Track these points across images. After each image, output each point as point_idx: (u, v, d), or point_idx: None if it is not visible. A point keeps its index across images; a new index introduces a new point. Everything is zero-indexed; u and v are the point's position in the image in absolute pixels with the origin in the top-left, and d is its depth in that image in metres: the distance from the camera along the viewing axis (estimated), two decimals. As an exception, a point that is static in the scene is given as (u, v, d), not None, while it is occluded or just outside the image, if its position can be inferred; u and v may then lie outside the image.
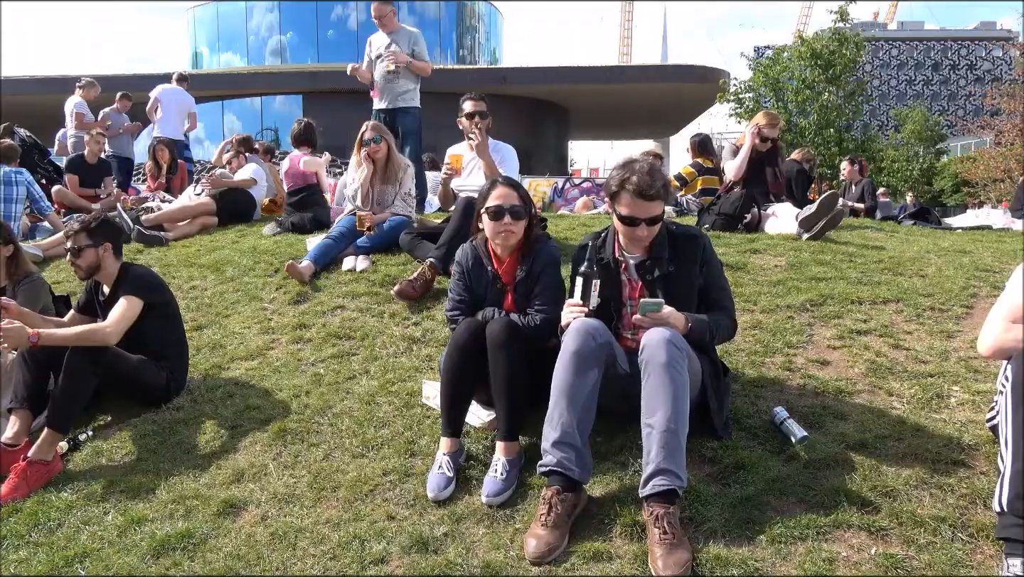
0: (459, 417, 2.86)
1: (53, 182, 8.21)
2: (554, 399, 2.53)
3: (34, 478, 3.05)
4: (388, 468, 2.86)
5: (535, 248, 3.03)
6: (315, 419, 3.27)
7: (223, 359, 3.97)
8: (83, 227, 3.48)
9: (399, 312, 4.21)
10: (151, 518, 2.75)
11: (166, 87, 9.65)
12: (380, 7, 6.66)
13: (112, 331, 3.31)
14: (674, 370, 2.45)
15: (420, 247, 4.64)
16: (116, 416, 3.55)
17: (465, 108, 4.79)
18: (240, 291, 4.79)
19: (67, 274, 5.49)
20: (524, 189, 3.06)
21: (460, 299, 3.07)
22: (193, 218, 6.36)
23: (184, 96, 9.74)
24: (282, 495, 2.79)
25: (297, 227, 5.93)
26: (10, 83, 33.06)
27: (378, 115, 6.55)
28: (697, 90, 33.07)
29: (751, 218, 5.51)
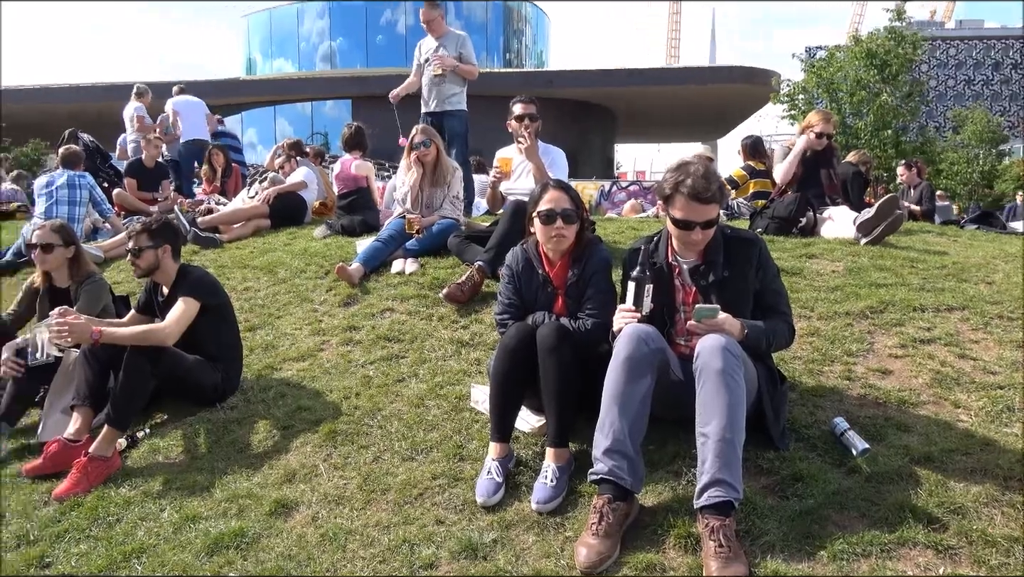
0: (508, 422, 2.84)
1: (114, 185, 8.47)
2: (605, 406, 2.49)
3: (94, 474, 3.12)
4: (437, 472, 2.85)
5: (586, 252, 2.99)
6: (365, 421, 3.29)
7: (275, 360, 4.02)
8: (144, 228, 3.57)
9: (447, 315, 4.21)
10: (205, 516, 2.79)
11: (176, 99, 9.98)
12: (428, 12, 6.70)
13: (170, 332, 3.39)
14: (730, 378, 2.39)
15: (468, 250, 4.64)
16: (172, 415, 3.63)
17: (515, 111, 4.78)
18: (292, 293, 4.86)
19: (126, 275, 5.65)
20: (575, 192, 3.02)
21: (510, 303, 3.05)
22: (247, 220, 6.49)
23: (195, 101, 10.09)
24: (332, 496, 2.81)
25: (347, 230, 5.99)
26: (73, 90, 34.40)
27: (426, 119, 6.59)
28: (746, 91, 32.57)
29: (806, 222, 5.37)
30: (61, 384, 3.63)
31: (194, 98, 10.09)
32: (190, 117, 9.78)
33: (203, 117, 9.99)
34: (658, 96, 34.61)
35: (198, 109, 9.97)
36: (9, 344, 3.63)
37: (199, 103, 10.08)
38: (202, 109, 10.05)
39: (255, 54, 41.61)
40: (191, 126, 9.74)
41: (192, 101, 9.99)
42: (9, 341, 3.68)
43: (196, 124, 9.82)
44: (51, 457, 3.25)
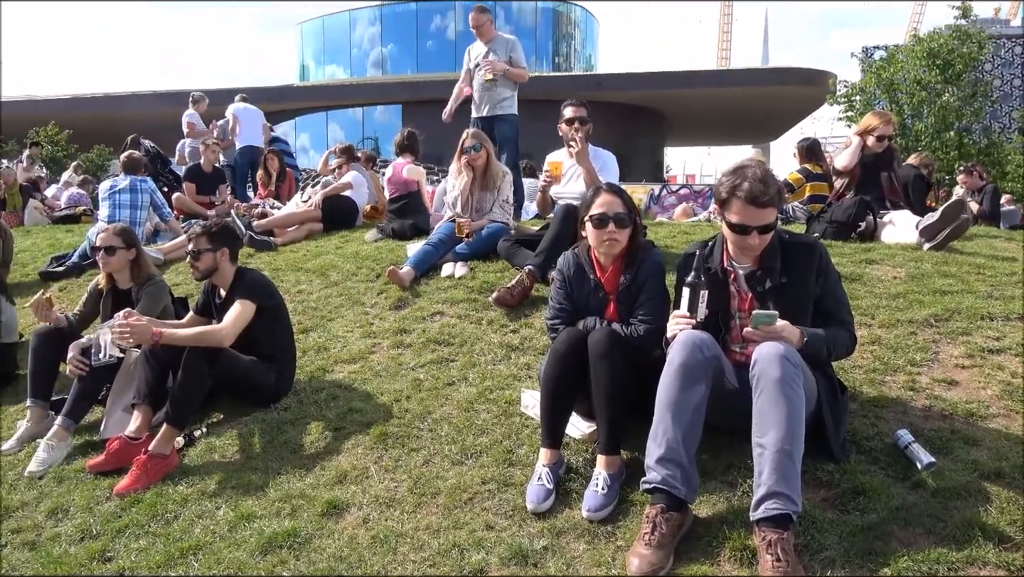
0: (559, 428, 2.81)
1: (174, 190, 8.72)
2: (659, 414, 2.45)
3: (153, 471, 3.21)
4: (487, 477, 2.84)
5: (639, 256, 2.95)
6: (415, 424, 3.30)
7: (327, 362, 4.08)
8: (204, 231, 3.67)
9: (497, 319, 4.21)
10: (260, 515, 2.84)
11: (237, 106, 10.26)
12: (478, 17, 6.73)
13: (227, 333, 3.46)
14: (788, 387, 2.32)
15: (518, 254, 4.63)
16: (228, 415, 3.70)
17: (565, 114, 4.76)
18: (343, 295, 4.92)
19: (185, 277, 5.80)
20: (628, 196, 2.99)
21: (561, 307, 3.02)
22: (300, 224, 6.60)
23: (254, 110, 10.36)
24: (383, 499, 2.83)
25: (398, 233, 6.04)
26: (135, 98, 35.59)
27: (476, 123, 6.61)
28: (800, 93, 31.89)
29: (866, 226, 5.21)
30: (123, 383, 3.74)
31: (253, 106, 10.37)
32: (248, 124, 10.08)
33: (260, 125, 10.25)
34: (709, 98, 34.15)
35: (256, 117, 10.24)
36: (75, 343, 3.75)
37: (257, 112, 10.35)
38: (259, 118, 10.31)
39: (308, 61, 42.47)
40: (248, 133, 10.04)
41: (251, 109, 10.27)
42: (75, 341, 3.80)
43: (253, 131, 10.11)
44: (113, 454, 3.35)
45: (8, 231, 6.64)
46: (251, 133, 10.07)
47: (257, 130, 10.17)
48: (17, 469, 3.53)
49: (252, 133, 10.08)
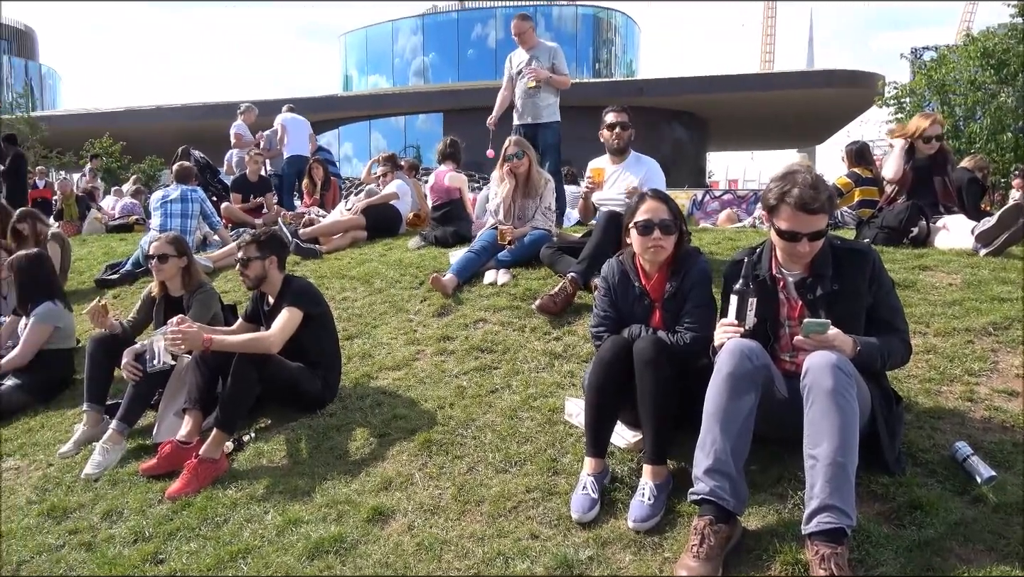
0: (604, 437, 2.79)
1: (222, 199, 8.93)
2: (706, 424, 2.41)
3: (204, 475, 3.27)
4: (531, 485, 2.83)
5: (685, 264, 2.92)
6: (459, 431, 3.31)
7: (372, 368, 4.11)
8: (253, 240, 3.74)
9: (540, 326, 4.20)
10: (307, 520, 2.87)
11: (285, 116, 10.42)
12: (520, 24, 6.74)
13: (275, 340, 3.52)
14: (841, 397, 2.26)
15: (561, 261, 4.62)
16: (275, 420, 3.76)
17: (607, 120, 4.73)
18: (387, 303, 4.96)
19: (233, 284, 5.93)
20: (674, 203, 2.95)
21: (605, 315, 3.00)
22: (344, 232, 6.69)
23: (301, 120, 10.52)
24: (428, 506, 2.84)
25: (440, 241, 6.09)
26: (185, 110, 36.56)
27: (519, 130, 6.62)
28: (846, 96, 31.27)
29: (919, 231, 5.06)
30: (175, 388, 3.83)
31: (300, 117, 10.54)
32: (295, 134, 10.23)
33: (306, 135, 10.43)
34: (752, 102, 33.72)
35: (302, 128, 10.41)
36: (129, 349, 3.85)
37: (304, 122, 10.52)
38: (306, 128, 10.48)
39: (352, 71, 43.17)
40: (295, 143, 10.20)
41: (298, 119, 10.44)
42: (129, 347, 3.90)
43: (299, 141, 10.27)
44: (165, 458, 3.42)
45: (66, 240, 6.89)
46: (298, 143, 10.24)
47: (304, 140, 10.35)
48: (74, 471, 3.63)
49: (299, 143, 10.26)
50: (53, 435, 4.09)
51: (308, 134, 10.49)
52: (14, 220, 6.44)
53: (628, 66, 42.97)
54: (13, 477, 3.76)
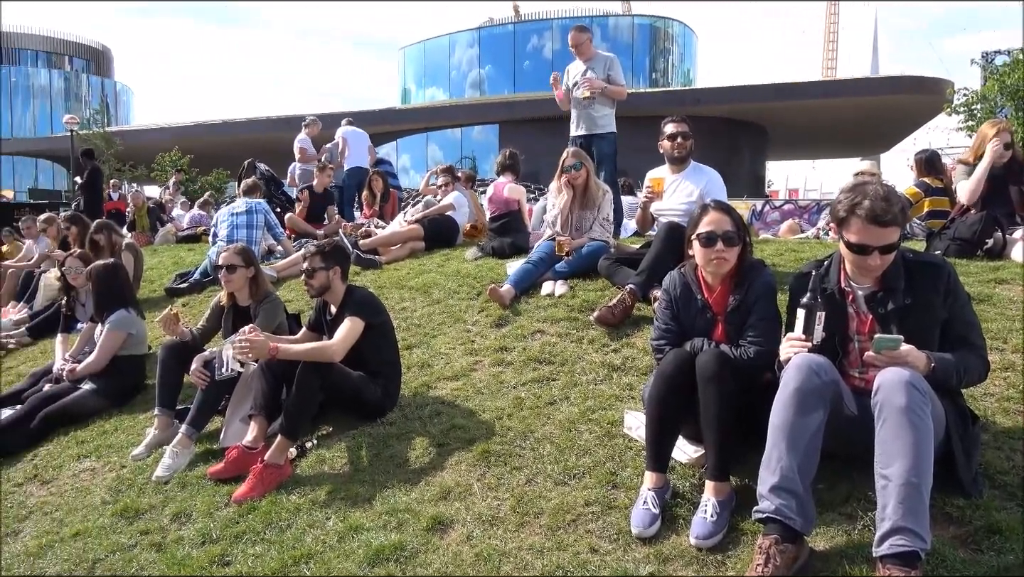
0: (665, 452, 2.75)
1: (286, 211, 9.16)
2: (772, 440, 2.35)
3: (268, 480, 3.34)
4: (590, 498, 2.81)
5: (749, 276, 2.86)
6: (517, 443, 3.31)
7: (430, 378, 4.15)
8: (318, 251, 3.83)
9: (598, 338, 4.18)
10: (367, 527, 2.90)
11: (345, 129, 10.64)
12: (576, 36, 6.75)
13: (338, 349, 3.59)
14: (915, 416, 2.18)
15: (619, 273, 4.59)
16: (337, 427, 3.82)
17: (667, 130, 4.67)
18: (445, 313, 5.01)
19: (296, 293, 6.07)
20: (738, 214, 2.91)
21: (667, 328, 2.97)
22: (403, 243, 6.79)
23: (361, 133, 10.73)
24: (486, 516, 2.84)
25: (498, 252, 6.12)
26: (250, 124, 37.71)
27: (575, 141, 6.61)
28: (913, 102, 30.33)
29: (993, 243, 4.86)
30: (241, 394, 3.94)
31: (360, 129, 10.76)
32: (355, 146, 10.46)
33: (366, 148, 10.62)
34: (813, 110, 32.99)
35: (362, 140, 10.62)
36: (199, 356, 3.98)
37: (363, 134, 10.73)
38: (366, 140, 10.69)
39: (410, 84, 43.93)
40: (355, 155, 10.42)
41: (358, 132, 10.66)
42: (199, 354, 4.03)
43: (359, 153, 10.48)
44: (232, 462, 3.52)
45: (139, 251, 7.17)
46: (358, 155, 10.45)
47: (363, 152, 10.55)
48: (145, 473, 3.76)
49: (359, 155, 10.46)
50: (126, 438, 4.25)
51: (367, 146, 10.69)
52: (91, 231, 6.75)
53: (685, 75, 42.58)
54: (89, 478, 3.92)
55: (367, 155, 10.62)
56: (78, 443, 4.30)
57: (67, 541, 3.29)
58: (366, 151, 10.61)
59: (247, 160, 10.33)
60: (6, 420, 4.47)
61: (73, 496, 3.75)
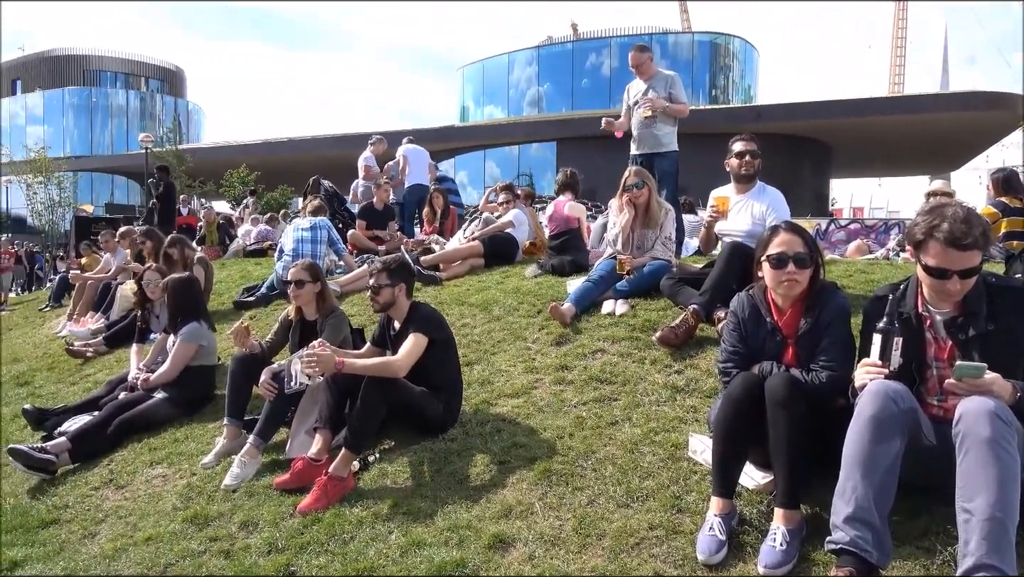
0: (732, 477, 2.70)
1: (348, 227, 9.36)
2: (847, 469, 2.29)
3: (332, 492, 3.40)
4: (654, 522, 2.77)
5: (821, 298, 2.79)
6: (579, 462, 3.29)
7: (491, 395, 4.17)
8: (384, 267, 3.90)
9: (660, 359, 4.13)
10: (429, 543, 2.92)
11: (407, 147, 10.78)
12: (637, 56, 6.73)
13: (402, 364, 3.64)
14: (1000, 448, 2.10)
15: (682, 292, 4.54)
16: (398, 442, 3.86)
17: (735, 148, 4.61)
18: (506, 330, 5.03)
19: (359, 308, 6.19)
20: (810, 235, 2.85)
21: (734, 350, 2.91)
22: (463, 259, 6.86)
23: (421, 150, 10.86)
24: (548, 536, 2.83)
25: (557, 269, 6.12)
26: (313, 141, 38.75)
27: (635, 160, 6.58)
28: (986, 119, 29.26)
29: (1079, 267, 4.64)
30: (306, 407, 4.03)
31: (420, 147, 10.91)
32: (415, 164, 10.61)
33: (426, 165, 10.79)
34: (880, 127, 32.09)
35: (422, 158, 10.79)
36: (268, 368, 4.09)
37: (423, 152, 10.89)
38: (426, 158, 10.85)
39: (468, 102, 44.52)
40: (416, 172, 10.57)
41: (419, 150, 10.81)
42: (267, 366, 4.14)
43: (420, 171, 10.64)
44: (297, 473, 3.59)
45: (210, 264, 7.42)
46: (418, 172, 10.61)
47: (423, 169, 10.71)
48: (214, 481, 3.86)
49: (419, 172, 10.62)
50: (196, 446, 4.38)
51: (428, 164, 10.84)
52: (165, 245, 7.02)
53: (746, 92, 42.01)
54: (161, 484, 4.05)
55: (427, 172, 10.78)
56: (151, 450, 4.45)
57: (140, 545, 3.40)
58: (426, 168, 10.77)
59: (312, 177, 10.61)
60: (86, 425, 4.66)
61: (146, 501, 3.88)
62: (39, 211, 37.64)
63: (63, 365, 7.14)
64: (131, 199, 50.20)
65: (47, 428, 5.01)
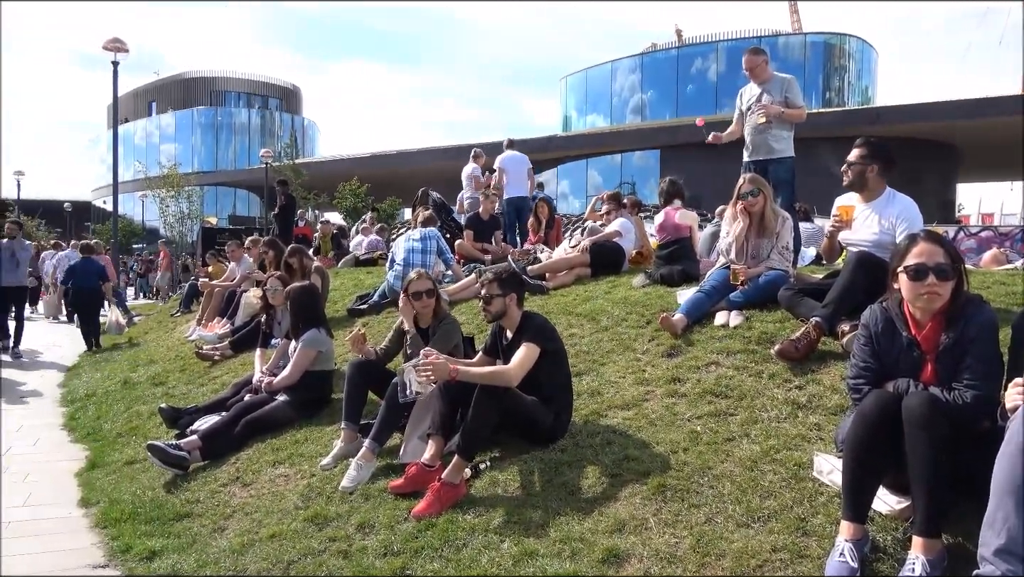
0: (865, 501, 2.54)
1: (455, 237, 9.54)
2: (997, 497, 2.10)
3: (445, 498, 3.45)
4: (777, 544, 2.65)
5: (965, 312, 2.60)
6: (694, 478, 3.19)
7: (601, 406, 4.12)
8: (495, 277, 3.95)
9: (779, 373, 3.96)
10: (541, 554, 2.91)
11: (505, 156, 10.69)
12: (752, 59, 6.52)
13: (515, 374, 3.66)
14: None
15: (802, 304, 4.33)
16: (508, 451, 3.87)
17: (851, 156, 4.37)
18: (614, 340, 4.97)
19: (467, 316, 6.28)
20: (952, 245, 2.66)
21: (866, 366, 2.75)
22: (569, 269, 6.84)
23: (520, 158, 10.72)
24: (664, 553, 2.76)
25: (666, 279, 6.00)
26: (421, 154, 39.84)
27: (749, 166, 6.38)
28: None
29: None
30: (419, 413, 4.11)
31: (519, 154, 10.79)
32: (513, 174, 10.55)
33: (524, 175, 10.63)
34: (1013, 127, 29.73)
35: (521, 167, 10.65)
36: None
37: (522, 160, 10.73)
38: (524, 166, 10.70)
39: (571, 112, 44.62)
40: (513, 184, 10.52)
41: (517, 158, 10.70)
42: (382, 371, 4.26)
43: (518, 182, 10.55)
44: (411, 478, 3.67)
45: (326, 273, 7.75)
46: (516, 183, 10.53)
47: (522, 180, 10.59)
48: (333, 483, 4.00)
49: (517, 183, 10.54)
50: (315, 448, 4.56)
51: (527, 171, 10.69)
52: (286, 255, 7.38)
53: (863, 93, 40.05)
54: (283, 483, 4.24)
55: (526, 182, 10.66)
56: (273, 450, 4.67)
57: (265, 541, 3.56)
58: (524, 178, 10.65)
59: (421, 188, 10.89)
60: (215, 425, 4.95)
61: (270, 499, 4.06)
62: (171, 223, 40.50)
63: (193, 367, 7.63)
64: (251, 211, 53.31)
65: (180, 426, 5.36)
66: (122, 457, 5.40)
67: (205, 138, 61.02)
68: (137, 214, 50.51)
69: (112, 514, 4.25)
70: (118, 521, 4.14)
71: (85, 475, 5.22)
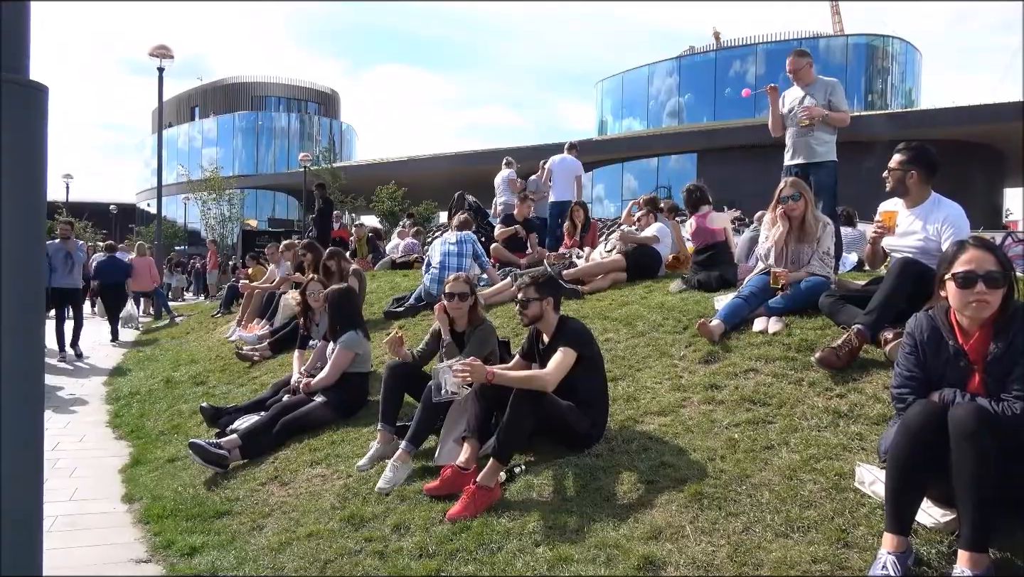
0: (909, 513, 2.48)
1: (491, 240, 9.57)
2: (1049, 512, 2.05)
3: (480, 501, 3.45)
4: (818, 555, 2.60)
5: (1016, 321, 2.53)
6: (732, 487, 3.16)
7: (637, 412, 4.10)
8: (532, 282, 3.95)
9: (819, 381, 3.90)
10: (576, 559, 2.90)
11: (555, 158, 10.61)
12: (796, 61, 6.43)
13: (551, 379, 3.66)
14: None
15: (844, 311, 4.26)
16: (544, 455, 3.87)
17: (892, 162, 4.28)
18: (650, 346, 4.93)
19: (502, 320, 6.29)
20: (1002, 252, 2.59)
21: (911, 376, 2.69)
22: (605, 273, 6.81)
23: (571, 163, 10.59)
24: (701, 561, 2.73)
25: (703, 285, 5.94)
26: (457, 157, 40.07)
27: (790, 170, 6.29)
28: None
29: None
30: (455, 416, 4.13)
31: (572, 159, 10.66)
32: (561, 177, 10.50)
33: (572, 179, 10.54)
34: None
35: (569, 172, 10.57)
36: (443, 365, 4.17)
37: (573, 164, 10.62)
38: (573, 171, 10.58)
39: (607, 116, 44.45)
40: (559, 188, 10.49)
41: (567, 161, 10.60)
42: (418, 374, 4.28)
43: (564, 185, 10.51)
44: (446, 481, 3.68)
45: (363, 276, 7.83)
46: (562, 188, 10.50)
47: (568, 183, 10.53)
48: (369, 484, 4.04)
49: (563, 188, 10.50)
50: (351, 449, 4.61)
51: (575, 177, 10.58)
52: (324, 257, 7.48)
53: (907, 95, 39.21)
54: (320, 483, 4.29)
55: (573, 186, 10.57)
56: (311, 450, 4.73)
57: (302, 540, 3.61)
58: (571, 182, 10.56)
59: (457, 192, 10.95)
60: (254, 424, 5.03)
61: (307, 499, 4.12)
62: (212, 225, 41.33)
63: (233, 367, 7.77)
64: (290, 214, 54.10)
65: (220, 425, 5.46)
66: (164, 454, 5.52)
67: (246, 142, 62.17)
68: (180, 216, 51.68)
69: (154, 510, 4.35)
70: (160, 517, 4.23)
71: (129, 471, 5.34)
